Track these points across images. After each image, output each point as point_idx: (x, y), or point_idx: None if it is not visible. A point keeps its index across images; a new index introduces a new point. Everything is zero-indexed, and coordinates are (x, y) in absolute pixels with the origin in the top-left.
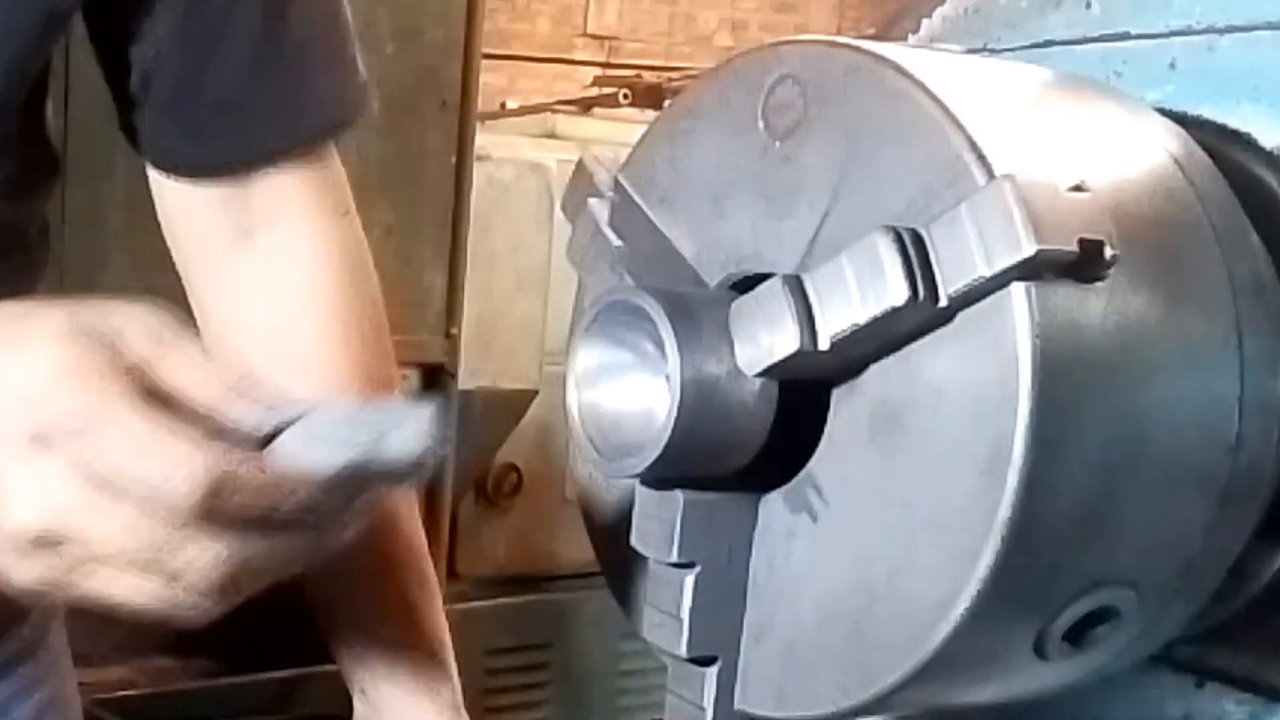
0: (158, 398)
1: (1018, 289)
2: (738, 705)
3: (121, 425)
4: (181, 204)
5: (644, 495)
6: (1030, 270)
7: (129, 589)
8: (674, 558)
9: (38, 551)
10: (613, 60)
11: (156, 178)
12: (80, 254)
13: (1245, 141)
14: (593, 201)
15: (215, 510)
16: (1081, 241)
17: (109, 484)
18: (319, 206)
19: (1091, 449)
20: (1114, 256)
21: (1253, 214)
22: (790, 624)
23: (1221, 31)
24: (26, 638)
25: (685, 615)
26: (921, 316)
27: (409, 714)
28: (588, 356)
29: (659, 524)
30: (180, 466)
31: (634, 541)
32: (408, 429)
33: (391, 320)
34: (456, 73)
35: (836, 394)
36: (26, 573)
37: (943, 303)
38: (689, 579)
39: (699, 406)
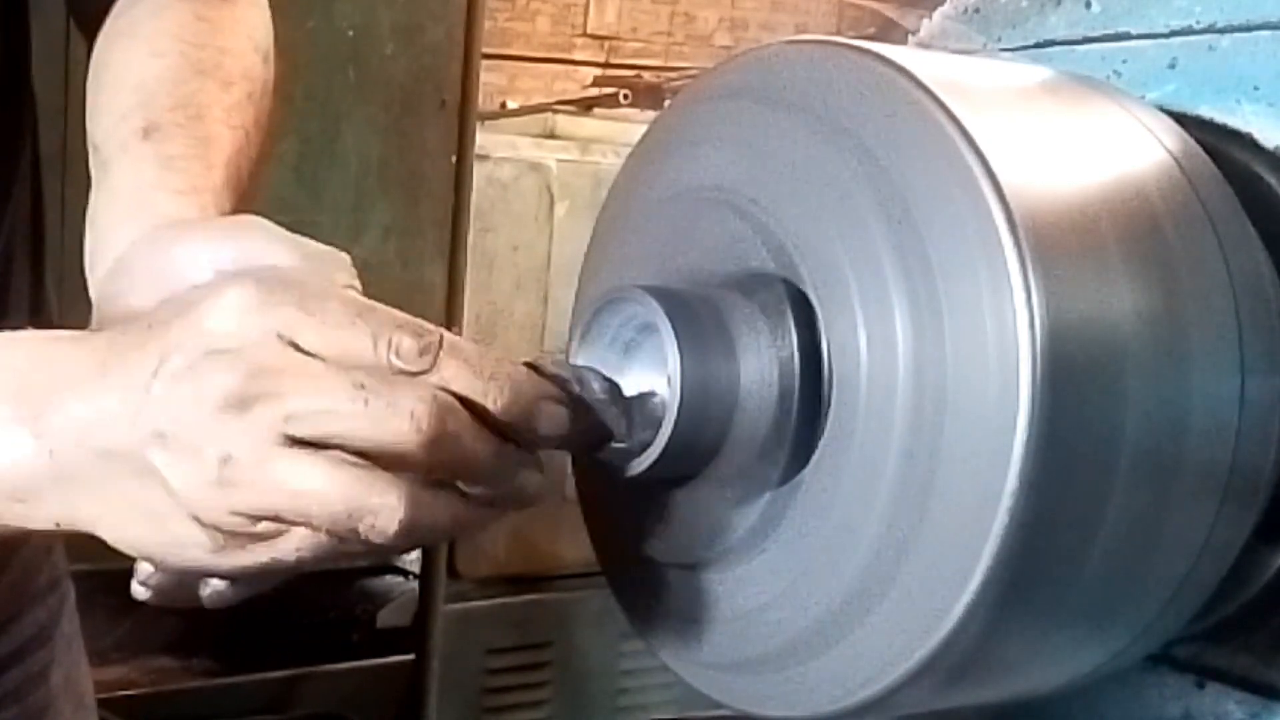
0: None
1: (1019, 288)
2: (742, 708)
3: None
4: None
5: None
6: None
7: (312, 548)
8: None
9: (245, 523)
10: (613, 60)
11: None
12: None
13: (1245, 141)
14: None
15: (437, 452)
16: None
17: (330, 429)
18: None
19: (1091, 448)
20: None
21: (1253, 214)
22: (791, 624)
23: (1221, 31)
24: (41, 622)
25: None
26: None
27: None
28: (588, 356)
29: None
30: (405, 411)
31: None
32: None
33: None
34: (456, 72)
35: (836, 394)
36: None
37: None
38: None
39: (699, 406)
